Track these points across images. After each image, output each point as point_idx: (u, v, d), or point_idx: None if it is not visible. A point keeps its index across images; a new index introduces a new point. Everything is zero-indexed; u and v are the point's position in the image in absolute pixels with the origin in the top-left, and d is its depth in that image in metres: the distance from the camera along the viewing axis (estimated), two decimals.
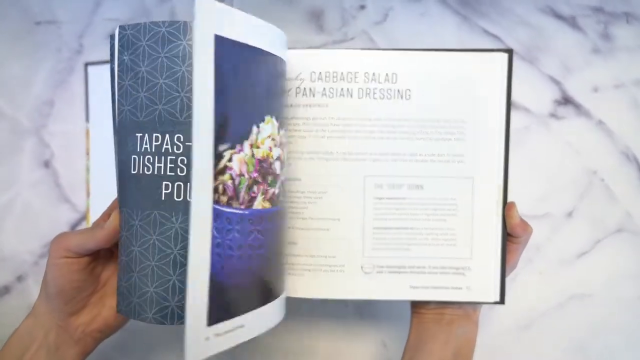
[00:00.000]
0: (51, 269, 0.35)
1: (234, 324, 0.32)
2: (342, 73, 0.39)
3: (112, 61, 0.35)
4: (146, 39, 0.33)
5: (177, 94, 0.33)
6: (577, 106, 0.54)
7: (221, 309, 0.30)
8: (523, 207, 0.53)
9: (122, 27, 0.34)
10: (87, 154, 0.57)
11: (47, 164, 0.58)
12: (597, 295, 0.53)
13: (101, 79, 0.56)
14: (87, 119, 0.57)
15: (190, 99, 0.33)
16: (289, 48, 0.38)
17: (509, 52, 0.39)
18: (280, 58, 0.36)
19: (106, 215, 0.38)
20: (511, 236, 0.40)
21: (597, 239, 0.54)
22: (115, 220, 0.35)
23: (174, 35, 0.33)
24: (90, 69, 0.57)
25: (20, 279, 0.57)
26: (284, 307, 0.38)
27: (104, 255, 0.38)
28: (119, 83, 0.35)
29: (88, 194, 0.57)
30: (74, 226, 0.57)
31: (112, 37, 0.35)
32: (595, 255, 0.53)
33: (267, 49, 0.34)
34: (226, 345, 0.31)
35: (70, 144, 0.57)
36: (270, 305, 0.35)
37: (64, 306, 0.36)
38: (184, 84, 0.33)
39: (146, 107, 0.33)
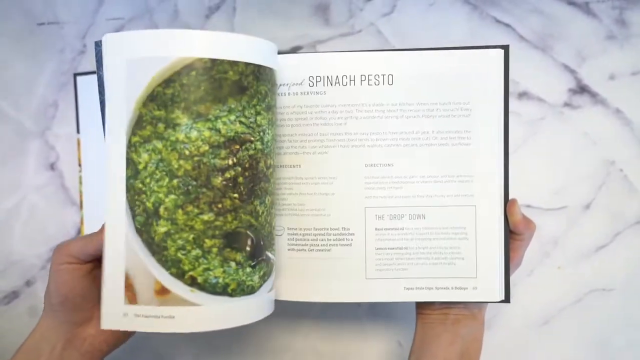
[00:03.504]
0: (54, 277, 0.35)
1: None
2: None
3: (99, 69, 0.34)
4: None
5: None
6: (593, 95, 0.52)
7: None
8: (539, 200, 0.53)
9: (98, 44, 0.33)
10: (79, 165, 0.56)
11: (52, 167, 0.57)
12: (617, 290, 0.52)
13: (91, 89, 0.55)
14: (78, 130, 0.56)
15: None
16: (296, 45, 0.37)
17: (505, 48, 0.38)
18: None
19: None
20: (514, 233, 0.39)
21: (616, 232, 0.52)
22: None
23: None
24: (80, 79, 0.56)
25: (28, 283, 0.57)
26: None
27: None
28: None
29: (81, 206, 0.56)
30: (81, 229, 0.57)
31: (97, 43, 0.34)
32: (614, 248, 0.52)
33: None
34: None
35: (76, 147, 0.57)
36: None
37: (70, 316, 0.36)
38: None
39: None
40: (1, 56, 0.58)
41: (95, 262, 0.36)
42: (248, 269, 0.35)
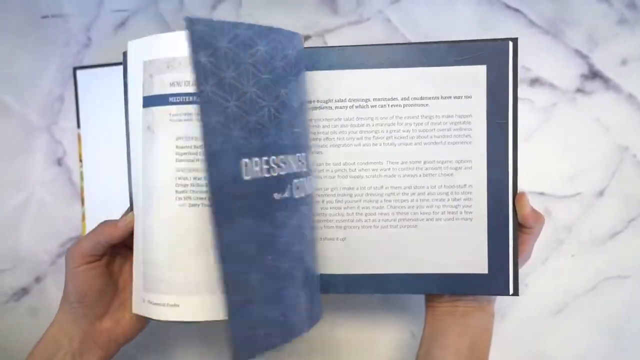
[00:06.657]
0: (72, 279, 0.36)
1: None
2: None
3: (125, 76, 0.37)
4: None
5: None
6: (605, 80, 0.52)
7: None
8: (552, 187, 0.52)
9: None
10: (80, 160, 0.55)
11: (59, 162, 0.57)
12: (632, 277, 0.51)
13: (91, 84, 0.55)
14: (78, 125, 0.55)
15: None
16: (304, 35, 0.37)
17: (514, 40, 0.37)
18: None
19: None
20: (523, 227, 0.38)
21: (630, 218, 0.52)
22: (131, 221, 0.36)
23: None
24: (80, 72, 0.55)
25: (38, 279, 0.57)
26: None
27: (119, 261, 0.39)
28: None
29: (82, 202, 0.55)
30: (83, 226, 0.56)
31: (124, 54, 0.37)
32: (628, 234, 0.51)
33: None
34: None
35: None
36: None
37: (88, 311, 0.37)
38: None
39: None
40: (6, 51, 0.57)
41: (109, 258, 0.37)
42: None
